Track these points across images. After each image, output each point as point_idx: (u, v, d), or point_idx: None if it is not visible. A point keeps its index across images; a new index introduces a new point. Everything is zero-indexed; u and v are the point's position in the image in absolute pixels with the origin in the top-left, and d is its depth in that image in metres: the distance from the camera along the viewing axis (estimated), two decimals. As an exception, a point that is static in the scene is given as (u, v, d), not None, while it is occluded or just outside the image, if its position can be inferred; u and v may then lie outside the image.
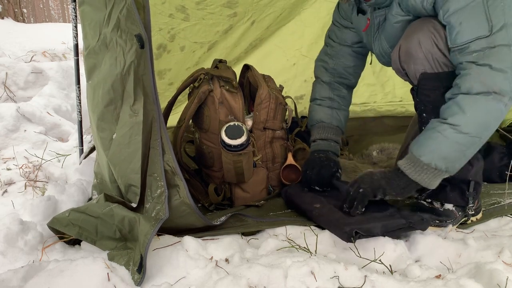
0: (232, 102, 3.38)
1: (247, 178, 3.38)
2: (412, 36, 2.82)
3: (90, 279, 2.31)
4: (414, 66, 2.84)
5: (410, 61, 2.84)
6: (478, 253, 2.69)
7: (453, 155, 2.69)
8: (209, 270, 2.49)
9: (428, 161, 2.70)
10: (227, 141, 3.19)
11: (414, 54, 2.80)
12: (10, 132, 4.56)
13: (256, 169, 3.42)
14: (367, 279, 2.36)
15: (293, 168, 3.63)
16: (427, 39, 2.75)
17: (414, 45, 2.79)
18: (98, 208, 2.78)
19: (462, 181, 2.99)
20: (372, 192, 2.89)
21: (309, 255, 2.59)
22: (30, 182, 3.73)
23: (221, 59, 3.71)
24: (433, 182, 2.77)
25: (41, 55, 7.77)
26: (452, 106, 2.62)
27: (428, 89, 2.84)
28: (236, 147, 3.19)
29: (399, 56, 2.92)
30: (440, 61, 2.76)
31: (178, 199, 2.75)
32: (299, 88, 5.50)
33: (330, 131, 3.55)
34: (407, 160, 2.81)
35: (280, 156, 3.58)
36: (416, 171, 2.76)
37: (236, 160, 3.26)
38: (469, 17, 2.59)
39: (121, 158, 2.85)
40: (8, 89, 5.61)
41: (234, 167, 3.30)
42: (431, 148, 2.69)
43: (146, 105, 2.71)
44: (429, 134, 2.70)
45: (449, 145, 2.65)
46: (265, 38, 5.11)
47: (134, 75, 2.68)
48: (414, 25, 2.86)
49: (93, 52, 2.96)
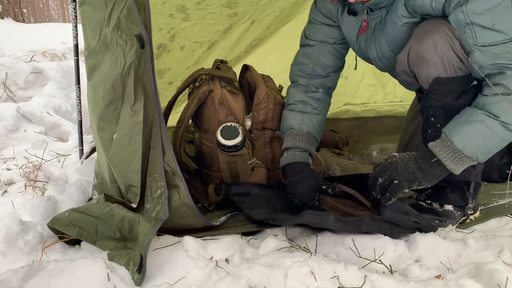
0: (233, 103, 3.38)
1: (243, 180, 3.37)
2: (426, 39, 2.72)
3: (90, 279, 2.31)
4: (426, 71, 2.76)
5: (423, 65, 2.76)
6: (478, 253, 2.68)
7: (494, 150, 2.71)
8: (209, 270, 2.49)
9: (471, 154, 2.67)
10: (222, 141, 3.19)
11: (428, 58, 2.72)
12: (10, 132, 4.56)
13: (255, 169, 3.42)
14: (367, 279, 2.36)
15: None
16: (444, 43, 2.68)
17: (429, 48, 2.70)
18: (98, 208, 2.78)
19: (463, 182, 2.99)
20: (408, 184, 2.78)
21: (309, 255, 2.59)
22: (30, 182, 3.73)
23: (222, 60, 3.71)
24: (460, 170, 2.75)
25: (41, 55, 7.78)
26: (502, 104, 2.57)
27: (440, 94, 2.77)
28: (230, 147, 3.20)
29: (408, 59, 2.83)
30: (455, 65, 2.70)
31: (178, 200, 2.75)
32: (299, 88, 5.49)
33: (300, 139, 3.32)
34: (446, 151, 2.72)
35: (279, 156, 3.58)
36: (455, 162, 2.71)
37: (230, 161, 3.26)
38: (502, 17, 2.55)
39: (121, 158, 2.85)
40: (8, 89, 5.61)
41: (229, 168, 3.30)
42: (477, 143, 2.66)
43: (147, 105, 2.72)
44: (476, 127, 2.65)
45: (496, 141, 2.66)
46: (265, 38, 5.11)
47: (135, 75, 2.69)
48: (426, 27, 2.78)
49: (94, 52, 2.96)
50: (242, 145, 3.22)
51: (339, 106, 5.68)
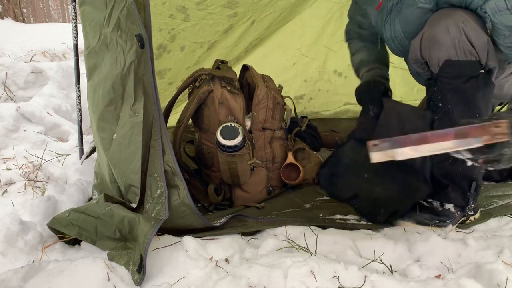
0: (233, 103, 3.38)
1: (243, 181, 3.39)
2: (439, 23, 2.76)
3: (90, 279, 2.31)
4: (437, 53, 2.78)
5: (435, 47, 2.78)
6: (478, 253, 2.69)
7: None
8: (209, 270, 2.49)
9: None
10: (222, 141, 3.21)
11: (440, 40, 2.75)
12: (10, 132, 4.56)
13: (256, 169, 3.43)
14: (367, 279, 2.36)
15: (294, 167, 3.64)
16: (455, 26, 2.69)
17: (442, 31, 2.73)
18: (98, 208, 2.78)
19: (465, 181, 2.99)
20: None
21: (309, 255, 2.59)
22: (30, 182, 3.73)
23: (222, 60, 3.72)
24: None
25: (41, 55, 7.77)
26: None
27: (450, 77, 2.78)
28: (230, 148, 3.21)
29: (421, 44, 2.85)
30: (466, 49, 2.70)
31: (178, 200, 2.75)
32: (299, 88, 5.53)
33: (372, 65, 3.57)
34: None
35: (279, 156, 3.59)
36: None
37: (230, 161, 3.28)
38: None
39: (121, 158, 2.85)
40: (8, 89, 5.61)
41: (229, 168, 3.31)
42: None
43: (147, 105, 2.72)
44: None
45: None
46: (265, 38, 5.12)
47: (134, 75, 2.69)
48: (439, 14, 2.84)
49: (94, 52, 2.97)
50: (242, 145, 3.23)
51: (339, 106, 5.70)
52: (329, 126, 5.08)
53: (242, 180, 3.38)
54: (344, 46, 3.86)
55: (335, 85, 5.66)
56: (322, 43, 5.41)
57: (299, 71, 5.48)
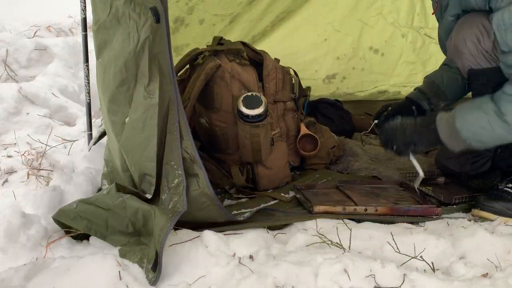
0: (245, 75, 3.46)
1: (264, 156, 3.43)
2: (459, 32, 3.14)
3: (99, 278, 2.34)
4: (461, 62, 3.19)
5: (458, 55, 3.20)
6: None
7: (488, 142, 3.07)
8: (231, 268, 2.50)
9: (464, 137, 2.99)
10: (246, 111, 3.25)
11: (460, 49, 3.15)
12: (11, 115, 4.58)
13: (275, 143, 3.47)
14: (406, 278, 2.37)
15: (309, 138, 3.71)
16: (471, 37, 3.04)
17: (461, 41, 3.12)
18: (109, 199, 2.80)
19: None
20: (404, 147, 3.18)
21: (342, 251, 2.60)
22: (33, 170, 3.75)
23: (221, 37, 3.74)
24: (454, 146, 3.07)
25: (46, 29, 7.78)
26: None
27: (479, 85, 3.11)
28: (254, 117, 3.26)
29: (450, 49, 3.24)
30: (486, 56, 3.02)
31: (198, 190, 2.75)
32: (331, 66, 5.49)
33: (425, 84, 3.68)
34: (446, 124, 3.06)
35: (293, 129, 3.71)
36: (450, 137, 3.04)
37: (253, 134, 3.32)
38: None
39: (135, 144, 2.86)
40: (9, 68, 5.62)
41: (251, 141, 3.35)
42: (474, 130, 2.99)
43: (163, 85, 2.71)
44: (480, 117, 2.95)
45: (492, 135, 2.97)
46: (293, 11, 5.09)
47: (149, 52, 2.69)
48: (463, 20, 3.16)
49: (104, 27, 2.97)
50: (265, 114, 3.29)
51: (375, 86, 5.68)
52: (364, 109, 5.06)
53: (264, 155, 3.42)
54: (381, 20, 3.85)
55: (371, 63, 5.62)
56: (357, 17, 5.37)
57: (331, 47, 5.43)
